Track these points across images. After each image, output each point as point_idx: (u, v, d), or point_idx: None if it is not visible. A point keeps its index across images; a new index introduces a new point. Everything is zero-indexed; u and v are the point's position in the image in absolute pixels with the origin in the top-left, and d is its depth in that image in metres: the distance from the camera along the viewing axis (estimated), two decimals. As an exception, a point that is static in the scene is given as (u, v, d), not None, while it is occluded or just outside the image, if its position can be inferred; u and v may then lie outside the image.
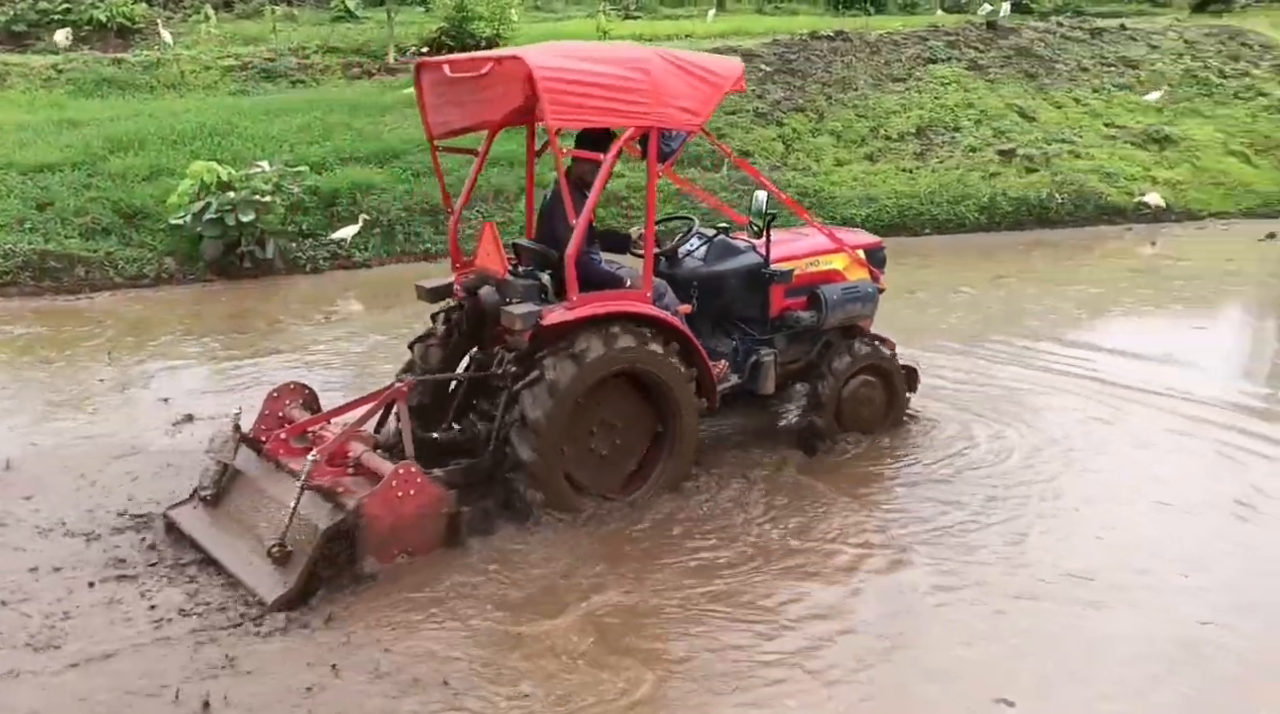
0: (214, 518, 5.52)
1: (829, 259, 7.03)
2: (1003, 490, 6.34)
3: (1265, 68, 20.07)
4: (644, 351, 5.80)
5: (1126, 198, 15.85)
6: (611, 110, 5.72)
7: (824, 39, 18.50)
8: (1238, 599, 5.17)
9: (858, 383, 6.90)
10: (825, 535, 5.74)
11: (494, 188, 14.08)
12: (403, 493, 5.14)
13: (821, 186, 15.38)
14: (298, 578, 4.87)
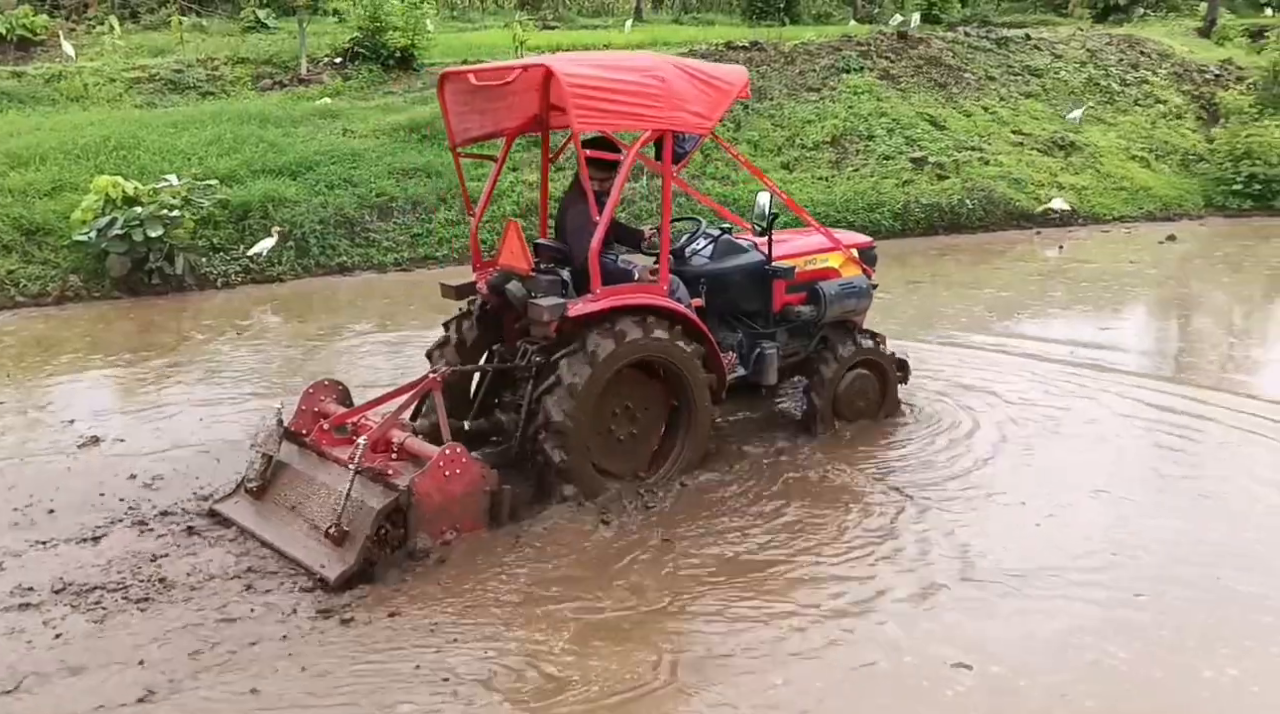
0: (261, 507, 5.83)
1: (826, 257, 7.42)
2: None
3: (1163, 76, 20.83)
4: (662, 341, 6.17)
5: (1034, 203, 16.29)
6: (631, 115, 6.11)
7: (740, 49, 18.70)
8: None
9: (853, 376, 7.36)
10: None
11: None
12: (450, 472, 5.48)
13: (740, 195, 15.51)
14: (357, 555, 5.16)
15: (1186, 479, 6.76)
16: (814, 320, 7.23)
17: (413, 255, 13.56)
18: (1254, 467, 6.89)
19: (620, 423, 6.32)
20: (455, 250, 13.75)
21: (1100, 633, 4.89)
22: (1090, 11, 28.24)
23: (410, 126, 15.63)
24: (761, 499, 6.33)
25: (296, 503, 5.73)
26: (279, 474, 5.93)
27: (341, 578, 5.13)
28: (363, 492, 5.36)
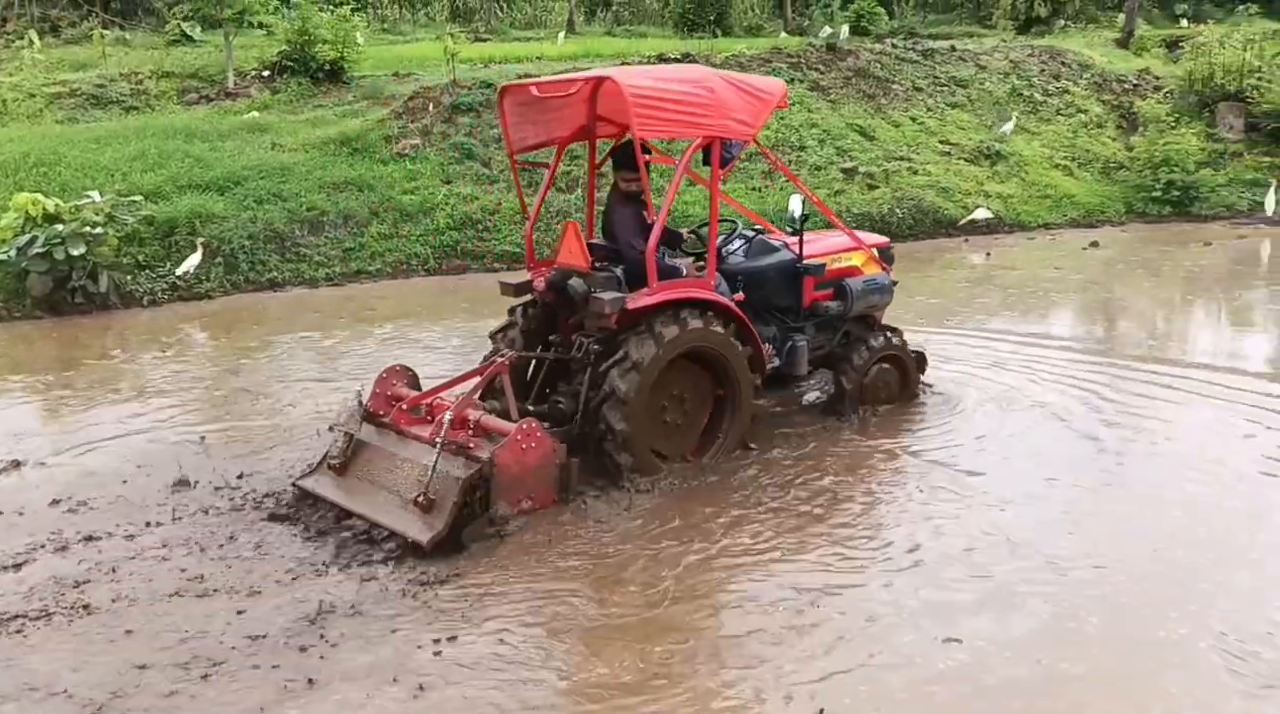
0: (343, 482, 6.27)
1: (850, 256, 7.95)
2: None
3: (1083, 86, 21.41)
4: (711, 332, 6.69)
5: (962, 211, 16.62)
6: (684, 123, 6.57)
7: (671, 61, 18.82)
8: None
9: (877, 368, 7.95)
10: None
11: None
12: (526, 445, 5.98)
13: (676, 206, 15.60)
14: (445, 521, 5.61)
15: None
16: (841, 315, 7.80)
17: (345, 270, 13.43)
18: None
19: (671, 408, 6.81)
20: (389, 264, 13.65)
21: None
22: (1013, 23, 28.90)
23: (341, 140, 15.49)
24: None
25: (378, 477, 6.18)
26: (359, 452, 6.37)
27: (432, 541, 5.58)
28: (447, 464, 5.84)
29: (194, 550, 5.78)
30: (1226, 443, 7.36)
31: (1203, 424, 7.86)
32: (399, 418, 6.41)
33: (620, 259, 6.96)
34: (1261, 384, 8.77)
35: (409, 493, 5.85)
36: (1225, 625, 4.92)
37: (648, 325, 6.48)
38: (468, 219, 14.51)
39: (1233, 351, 10.37)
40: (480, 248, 14.25)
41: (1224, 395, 8.42)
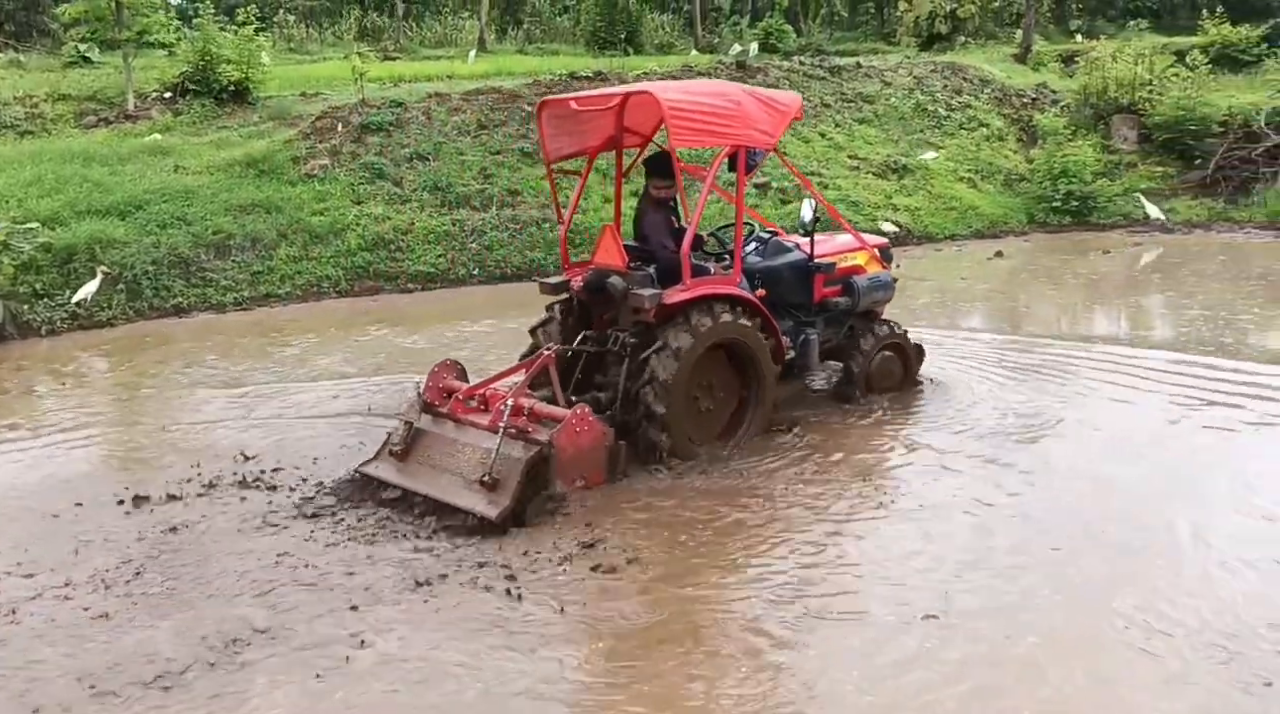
0: (404, 467, 6.74)
1: (856, 255, 8.61)
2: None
3: (984, 100, 22.03)
4: (739, 325, 7.28)
5: (872, 224, 16.92)
6: (715, 133, 7.18)
7: (584, 79, 18.88)
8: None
9: (881, 357, 8.54)
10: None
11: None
12: (580, 429, 6.56)
13: (592, 223, 15.60)
14: (511, 497, 6.15)
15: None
16: (849, 310, 8.43)
17: (253, 293, 13.13)
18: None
19: (703, 396, 7.36)
20: (299, 287, 13.39)
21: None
22: (916, 40, 29.66)
23: (247, 161, 15.18)
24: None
25: (439, 461, 6.67)
26: (418, 439, 6.85)
27: (501, 515, 6.10)
28: (508, 447, 6.40)
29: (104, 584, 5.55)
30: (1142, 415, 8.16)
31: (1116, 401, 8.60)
32: (456, 407, 6.95)
33: (651, 259, 7.47)
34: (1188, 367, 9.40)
35: (472, 475, 6.39)
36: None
37: (684, 318, 7.04)
38: (380, 240, 14.32)
39: (1135, 337, 10.70)
40: (393, 268, 14.07)
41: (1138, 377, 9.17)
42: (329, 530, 6.22)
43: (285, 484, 6.98)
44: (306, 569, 5.68)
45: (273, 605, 5.30)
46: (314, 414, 8.64)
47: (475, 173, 16.01)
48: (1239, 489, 6.62)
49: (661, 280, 7.24)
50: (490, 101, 17.67)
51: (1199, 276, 13.91)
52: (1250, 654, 4.73)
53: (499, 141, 16.77)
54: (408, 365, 9.94)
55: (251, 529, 6.25)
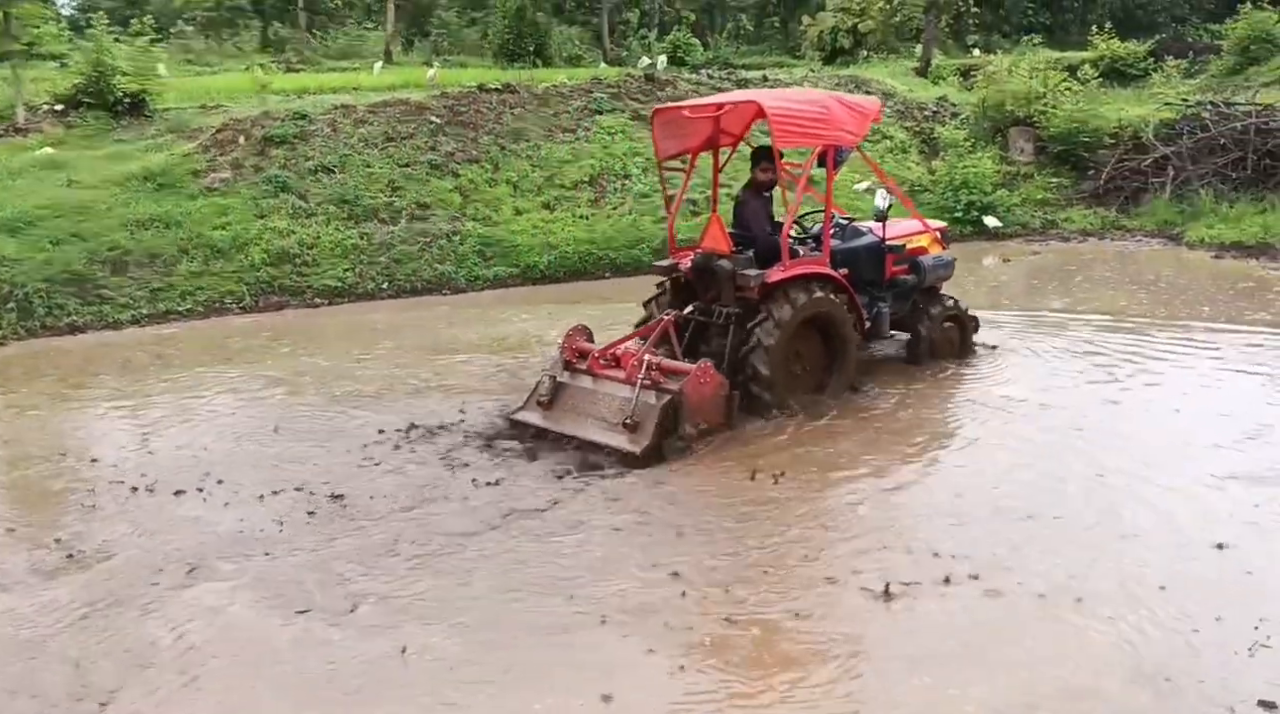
0: (549, 415, 8.05)
1: (920, 238, 9.92)
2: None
3: (887, 112, 22.44)
4: (829, 300, 8.50)
5: (782, 234, 17.14)
6: (810, 134, 8.40)
7: (493, 91, 18.77)
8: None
9: (942, 328, 9.82)
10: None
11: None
12: (703, 380, 7.78)
13: (502, 236, 15.52)
14: (651, 437, 7.47)
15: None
16: (916, 286, 9.65)
17: (152, 310, 12.72)
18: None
19: (796, 362, 8.50)
20: (200, 303, 13.01)
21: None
22: (820, 54, 30.19)
23: (144, 175, 14.72)
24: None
25: (581, 409, 7.97)
26: (560, 392, 8.13)
27: (645, 451, 7.40)
28: (644, 395, 7.67)
29: None
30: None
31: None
32: (594, 364, 8.15)
33: (749, 244, 8.66)
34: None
35: (613, 419, 7.69)
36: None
37: (784, 293, 8.21)
38: (285, 254, 14.00)
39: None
40: (299, 283, 13.77)
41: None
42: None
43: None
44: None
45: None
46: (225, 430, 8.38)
47: (383, 185, 15.77)
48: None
49: (758, 262, 8.45)
50: (397, 113, 17.44)
51: (1092, 282, 14.37)
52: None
53: (407, 154, 16.55)
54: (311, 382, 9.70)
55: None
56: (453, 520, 6.56)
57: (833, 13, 30.26)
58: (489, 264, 15.07)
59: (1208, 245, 15.83)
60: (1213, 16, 36.70)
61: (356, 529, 6.48)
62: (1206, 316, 11.79)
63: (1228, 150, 17.80)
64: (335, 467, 7.55)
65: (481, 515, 6.60)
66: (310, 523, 6.59)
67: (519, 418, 8.15)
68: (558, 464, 7.43)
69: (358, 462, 7.63)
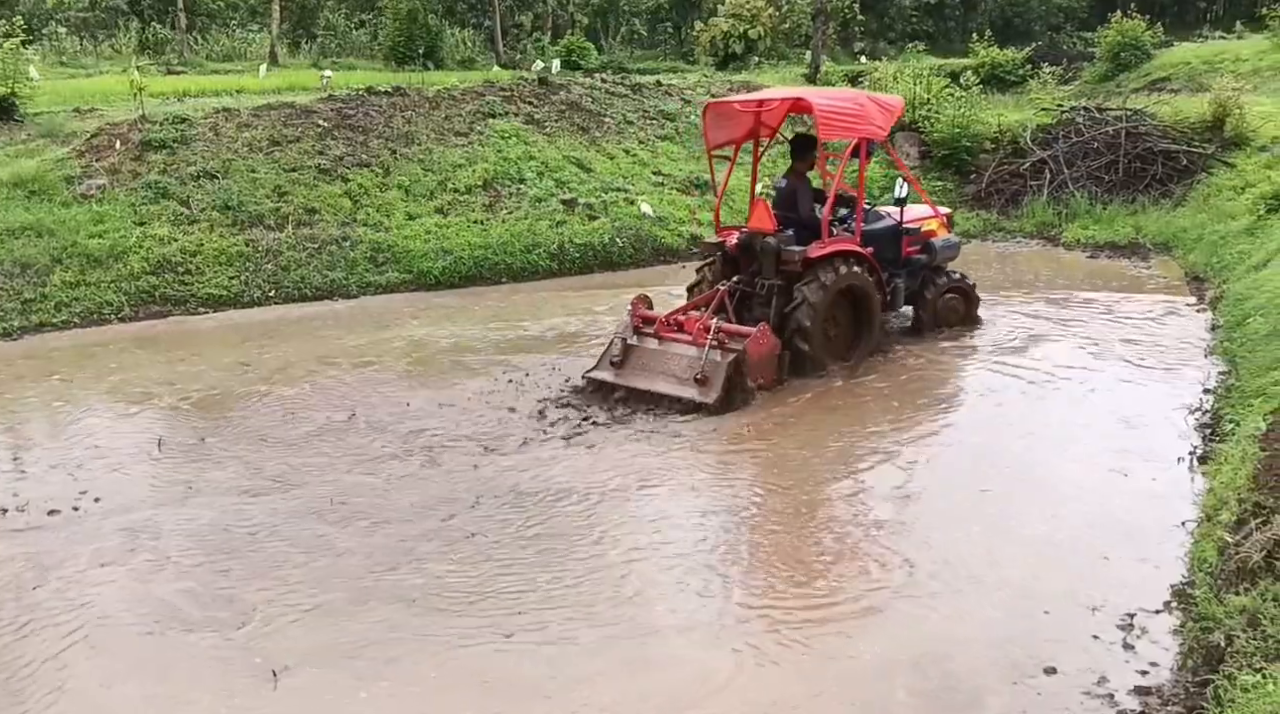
0: (620, 373, 9.30)
1: (931, 222, 11.41)
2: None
3: (779, 119, 22.84)
4: (859, 274, 9.93)
5: (678, 239, 17.25)
6: (849, 129, 9.91)
7: (383, 94, 18.46)
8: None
9: (947, 298, 11.22)
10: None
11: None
12: (763, 340, 9.18)
13: (395, 241, 15.26)
14: (721, 389, 8.78)
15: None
16: (926, 265, 11.06)
17: (24, 323, 12.13)
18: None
19: (831, 326, 9.91)
20: (77, 314, 12.47)
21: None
22: (712, 60, 30.50)
23: (14, 182, 14.04)
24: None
25: (652, 367, 9.23)
26: (629, 352, 9.39)
27: (716, 401, 8.73)
28: (712, 354, 8.97)
29: None
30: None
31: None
32: (660, 328, 9.46)
33: (790, 224, 10.04)
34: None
35: (684, 375, 8.99)
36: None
37: (827, 264, 9.62)
38: (165, 262, 13.52)
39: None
40: (182, 292, 13.31)
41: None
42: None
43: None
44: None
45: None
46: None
47: (269, 191, 15.36)
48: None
49: (800, 240, 9.82)
50: (283, 117, 17.00)
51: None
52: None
53: (294, 158, 16.15)
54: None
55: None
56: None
57: (725, 18, 30.60)
58: (381, 270, 14.80)
59: (1083, 246, 16.48)
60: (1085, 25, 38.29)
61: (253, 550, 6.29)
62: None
63: (1100, 154, 18.53)
64: (216, 502, 7.32)
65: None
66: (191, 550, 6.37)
67: (594, 376, 9.36)
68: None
69: (242, 485, 7.42)
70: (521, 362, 10.53)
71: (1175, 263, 14.77)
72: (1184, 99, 20.54)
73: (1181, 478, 7.16)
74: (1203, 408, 8.44)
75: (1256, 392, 7.87)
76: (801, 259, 9.54)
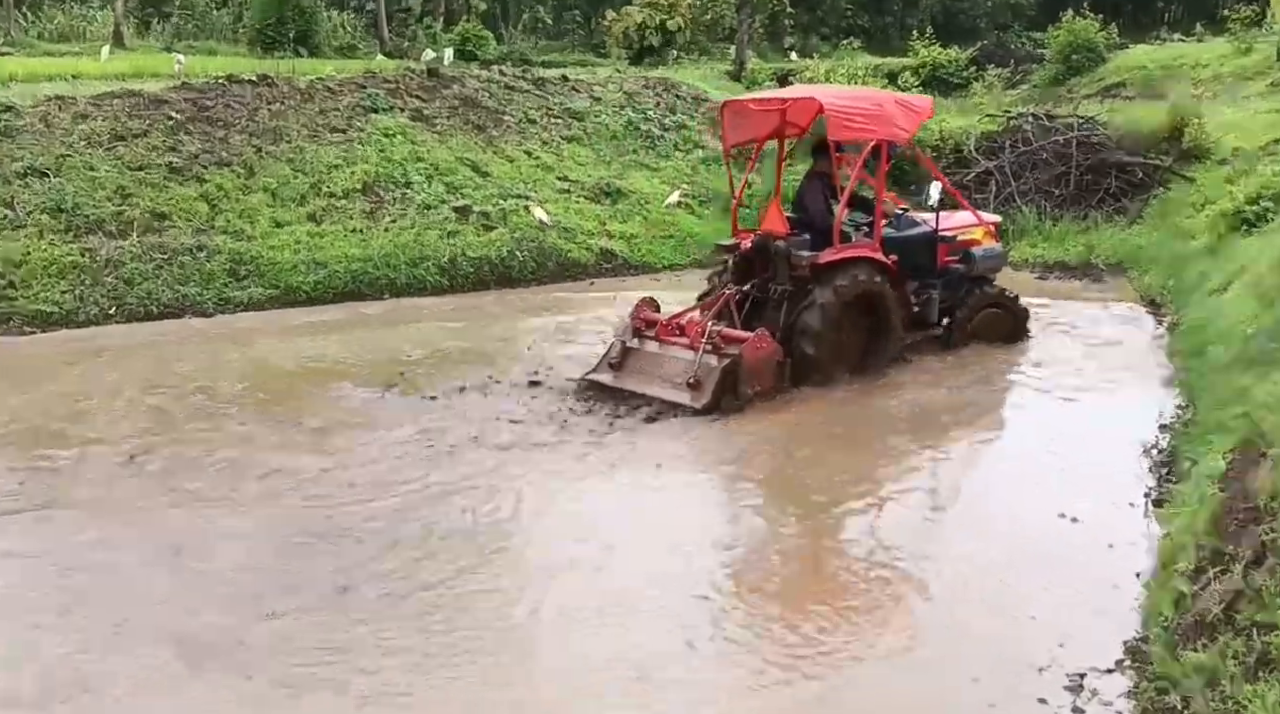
0: (618, 376, 10.16)
1: (973, 231, 11.92)
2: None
3: (700, 120, 23.08)
4: (874, 282, 10.41)
5: (586, 253, 17.30)
6: (863, 129, 10.47)
7: (246, 84, 18.21)
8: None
9: (987, 313, 11.68)
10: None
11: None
12: (760, 346, 9.80)
13: (260, 252, 15.03)
14: (712, 394, 9.49)
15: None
16: (965, 275, 11.50)
17: None
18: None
19: (844, 336, 10.38)
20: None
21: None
22: (626, 53, 30.81)
23: None
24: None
25: (647, 370, 10.06)
26: (628, 355, 10.24)
27: (707, 407, 9.44)
28: (706, 358, 9.70)
29: None
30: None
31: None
32: (661, 331, 10.24)
33: (807, 228, 10.68)
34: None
35: (678, 379, 9.72)
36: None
37: (840, 271, 10.14)
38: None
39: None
40: (5, 309, 12.94)
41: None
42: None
43: None
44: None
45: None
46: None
47: (110, 192, 15.01)
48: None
49: (815, 245, 10.39)
50: (128, 107, 16.66)
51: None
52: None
53: (140, 155, 15.82)
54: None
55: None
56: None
57: (639, 8, 30.96)
58: (243, 285, 14.55)
59: (1032, 265, 16.93)
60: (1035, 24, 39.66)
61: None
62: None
63: (1050, 165, 19.09)
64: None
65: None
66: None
67: (593, 378, 10.18)
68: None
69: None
70: (376, 388, 10.61)
71: (1131, 285, 15.28)
72: (1140, 106, 21.30)
73: (1136, 523, 7.38)
74: (1159, 446, 8.73)
75: (1215, 426, 8.16)
76: (810, 264, 10.11)
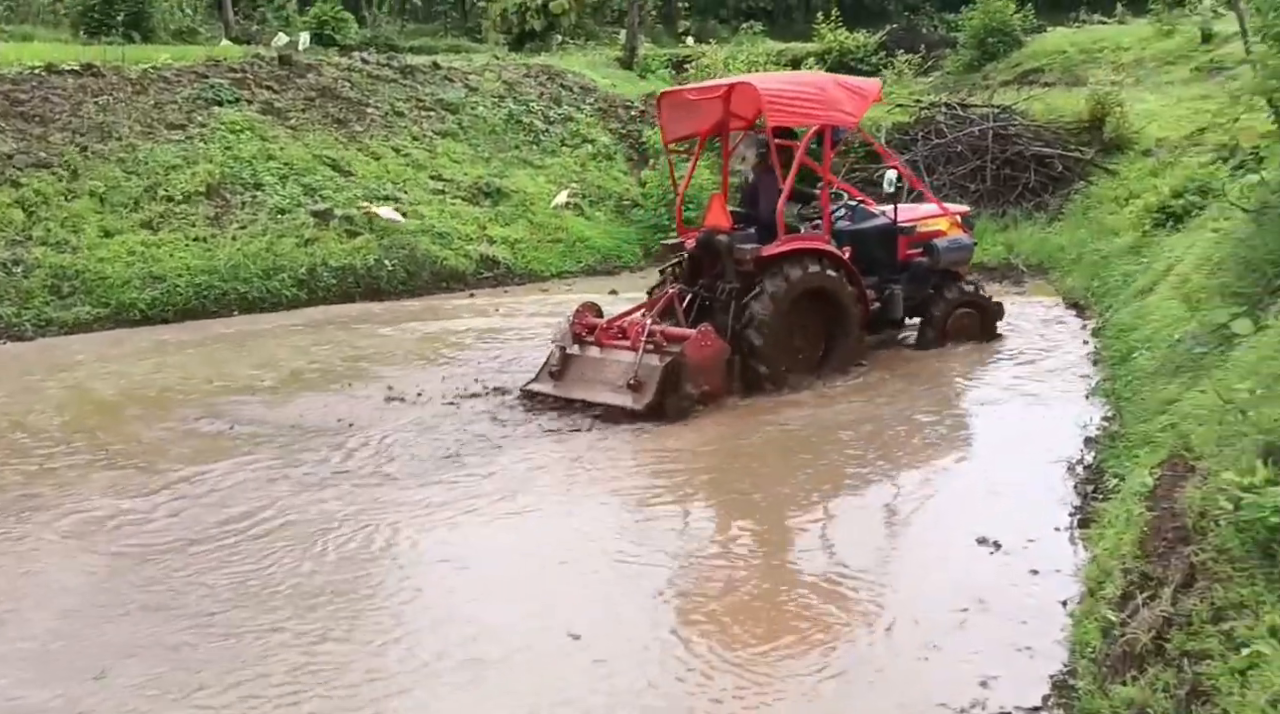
0: (559, 384, 10.55)
1: (937, 221, 12.38)
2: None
3: (588, 112, 23.17)
4: (826, 276, 10.75)
5: (464, 260, 17.18)
6: (804, 114, 11.00)
7: (68, 74, 17.77)
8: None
9: (960, 313, 12.15)
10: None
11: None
12: (704, 343, 10.09)
13: (86, 265, 14.69)
14: (654, 394, 9.83)
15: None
16: (930, 269, 11.92)
17: None
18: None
19: (797, 336, 10.81)
20: None
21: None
22: (505, 38, 30.75)
23: None
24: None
25: (589, 376, 10.43)
26: (569, 362, 10.61)
27: (647, 407, 9.77)
28: (648, 358, 10.07)
29: None
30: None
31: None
32: (601, 336, 10.63)
33: (753, 222, 11.26)
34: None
35: (619, 382, 10.09)
36: None
37: (778, 267, 10.46)
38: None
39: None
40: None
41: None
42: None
43: None
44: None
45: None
46: None
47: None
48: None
49: (763, 240, 10.79)
50: (-72, 101, 16.14)
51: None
52: None
53: (-55, 156, 15.31)
54: None
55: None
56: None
57: (519, -13, 30.97)
58: (66, 303, 14.22)
59: (948, 267, 17.26)
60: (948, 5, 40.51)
61: None
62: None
63: (965, 159, 19.55)
64: None
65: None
66: None
67: (533, 388, 10.61)
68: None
69: None
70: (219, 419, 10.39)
71: (1052, 286, 15.68)
72: (1059, 94, 21.95)
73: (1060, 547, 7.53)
74: (1083, 461, 8.94)
75: (1142, 440, 8.37)
76: (754, 258, 10.45)
